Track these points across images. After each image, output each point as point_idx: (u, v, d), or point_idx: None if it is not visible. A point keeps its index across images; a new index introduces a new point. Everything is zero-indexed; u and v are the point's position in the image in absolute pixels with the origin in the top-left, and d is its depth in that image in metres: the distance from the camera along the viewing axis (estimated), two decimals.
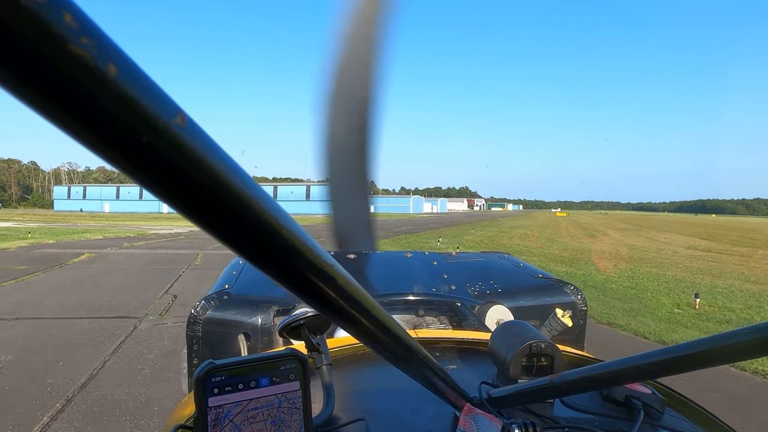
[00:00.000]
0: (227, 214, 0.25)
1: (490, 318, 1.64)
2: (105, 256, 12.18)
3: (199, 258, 11.93)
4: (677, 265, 12.70)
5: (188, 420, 0.79)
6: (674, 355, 0.53)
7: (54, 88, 0.18)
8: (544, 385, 0.69)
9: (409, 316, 1.59)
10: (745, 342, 0.45)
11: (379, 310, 0.43)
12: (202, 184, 0.23)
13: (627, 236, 26.30)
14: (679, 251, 17.25)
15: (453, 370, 0.99)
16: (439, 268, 1.97)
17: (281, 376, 0.61)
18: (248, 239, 0.28)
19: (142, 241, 17.03)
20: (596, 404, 0.84)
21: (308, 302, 0.37)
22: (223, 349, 1.52)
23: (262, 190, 0.27)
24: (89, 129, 0.19)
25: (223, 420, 0.57)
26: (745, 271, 11.97)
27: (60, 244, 15.53)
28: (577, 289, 1.78)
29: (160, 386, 3.84)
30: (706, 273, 11.41)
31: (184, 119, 0.22)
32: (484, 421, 0.68)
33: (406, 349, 0.52)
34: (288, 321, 0.80)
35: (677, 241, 22.75)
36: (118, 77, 0.19)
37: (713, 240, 24.72)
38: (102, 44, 0.18)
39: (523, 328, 0.90)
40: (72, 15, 0.17)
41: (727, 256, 16.09)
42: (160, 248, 14.53)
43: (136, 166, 0.21)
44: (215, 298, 1.57)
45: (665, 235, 28.35)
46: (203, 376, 0.57)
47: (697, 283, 9.69)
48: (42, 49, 0.17)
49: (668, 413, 0.82)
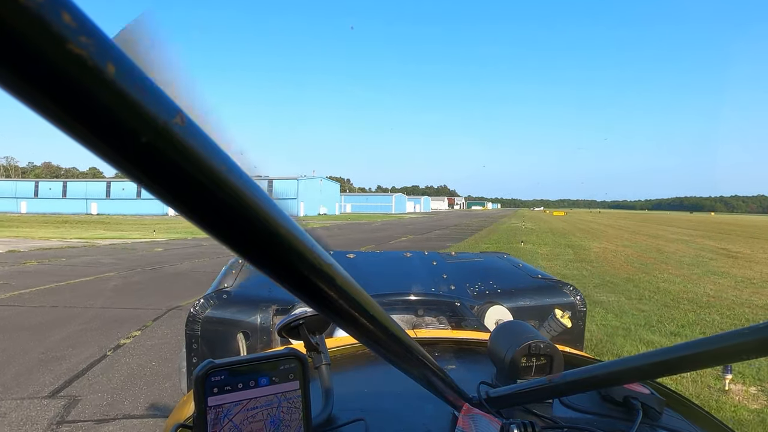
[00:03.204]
0: (226, 214, 0.25)
1: (489, 318, 1.64)
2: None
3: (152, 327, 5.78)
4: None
5: (188, 419, 0.79)
6: (674, 356, 0.53)
7: (52, 87, 0.18)
8: (543, 385, 0.69)
9: (408, 316, 1.59)
10: (746, 342, 0.45)
11: (378, 310, 0.43)
12: (202, 184, 0.23)
13: (722, 242, 21.44)
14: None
15: (452, 370, 0.99)
16: (439, 268, 1.97)
17: (281, 376, 0.62)
18: (247, 239, 0.28)
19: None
20: (595, 404, 0.84)
21: (307, 302, 0.37)
22: (222, 348, 1.53)
23: (262, 190, 0.27)
24: (88, 129, 0.19)
25: (223, 419, 0.57)
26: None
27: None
28: (576, 289, 1.79)
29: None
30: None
31: (183, 119, 0.22)
32: (483, 421, 0.68)
33: (405, 349, 0.52)
34: (287, 320, 0.80)
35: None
36: (117, 77, 0.19)
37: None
38: (101, 43, 0.18)
39: (523, 329, 0.90)
40: (70, 14, 0.17)
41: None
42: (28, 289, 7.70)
43: (135, 166, 0.21)
44: (214, 297, 1.57)
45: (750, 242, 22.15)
46: (203, 375, 0.57)
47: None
48: (40, 48, 0.17)
49: (667, 413, 0.82)
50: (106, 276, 9.47)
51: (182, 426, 0.66)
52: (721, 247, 19.15)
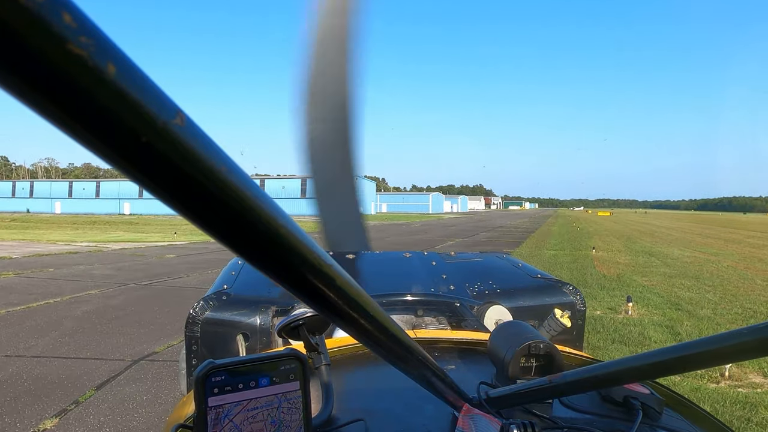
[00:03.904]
0: (227, 215, 0.25)
1: (489, 318, 1.64)
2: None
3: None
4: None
5: (188, 419, 0.79)
6: (674, 356, 0.53)
7: (53, 87, 0.18)
8: (543, 386, 0.69)
9: (407, 316, 1.59)
10: (746, 342, 0.45)
11: (378, 311, 0.43)
12: (202, 184, 0.23)
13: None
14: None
15: (452, 370, 0.99)
16: (438, 268, 1.97)
17: (281, 376, 0.62)
18: (247, 239, 0.28)
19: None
20: (595, 404, 0.84)
21: (307, 302, 0.37)
22: (222, 350, 1.52)
23: (262, 190, 0.27)
24: (88, 129, 0.19)
25: (223, 420, 0.57)
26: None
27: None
28: (576, 289, 1.79)
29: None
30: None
31: (183, 120, 0.22)
32: (483, 421, 0.68)
33: (405, 349, 0.52)
34: (287, 321, 0.80)
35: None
36: (117, 77, 0.19)
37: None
38: (101, 44, 0.18)
39: (522, 329, 0.90)
40: (71, 14, 0.17)
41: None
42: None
43: (135, 166, 0.21)
44: (214, 298, 1.57)
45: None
46: (203, 376, 0.57)
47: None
48: (41, 49, 0.17)
49: (667, 413, 0.82)
50: (85, 296, 7.74)
51: (182, 426, 0.65)
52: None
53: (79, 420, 3.40)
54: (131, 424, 3.32)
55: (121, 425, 3.35)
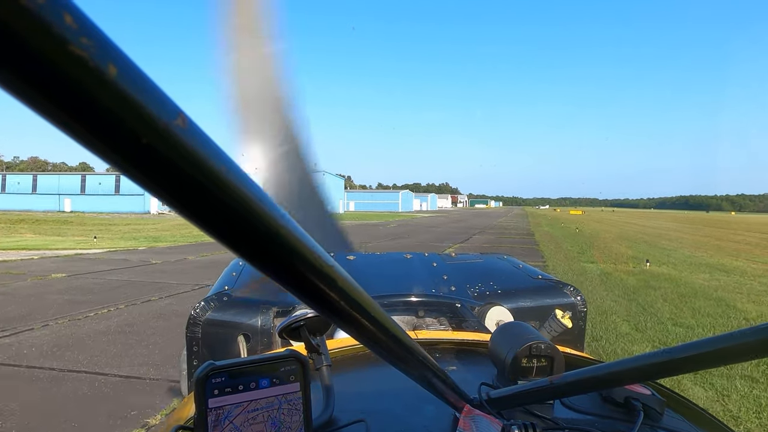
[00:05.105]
0: (227, 215, 0.25)
1: (490, 319, 1.64)
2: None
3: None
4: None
5: (188, 421, 0.79)
6: (675, 356, 0.53)
7: (54, 88, 0.18)
8: (544, 386, 0.69)
9: (408, 317, 1.59)
10: (747, 343, 0.45)
11: (378, 312, 0.43)
12: (203, 185, 0.23)
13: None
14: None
15: (453, 371, 0.99)
16: (439, 269, 1.97)
17: (281, 378, 0.61)
18: (248, 240, 0.28)
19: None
20: (596, 405, 0.83)
21: (308, 303, 0.37)
22: (223, 351, 1.52)
23: (263, 191, 0.27)
24: (89, 130, 0.19)
25: (224, 421, 0.57)
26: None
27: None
28: (577, 290, 1.78)
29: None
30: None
31: (184, 121, 0.22)
32: (484, 422, 0.68)
33: (406, 350, 0.52)
34: (287, 322, 0.80)
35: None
36: (118, 78, 0.19)
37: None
38: (102, 45, 0.18)
39: (523, 329, 0.90)
40: (72, 15, 0.17)
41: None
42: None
43: (136, 167, 0.21)
44: (215, 299, 1.57)
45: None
46: (204, 377, 0.57)
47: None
48: (42, 50, 0.17)
49: (668, 414, 0.82)
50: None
51: (182, 428, 0.65)
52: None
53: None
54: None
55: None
